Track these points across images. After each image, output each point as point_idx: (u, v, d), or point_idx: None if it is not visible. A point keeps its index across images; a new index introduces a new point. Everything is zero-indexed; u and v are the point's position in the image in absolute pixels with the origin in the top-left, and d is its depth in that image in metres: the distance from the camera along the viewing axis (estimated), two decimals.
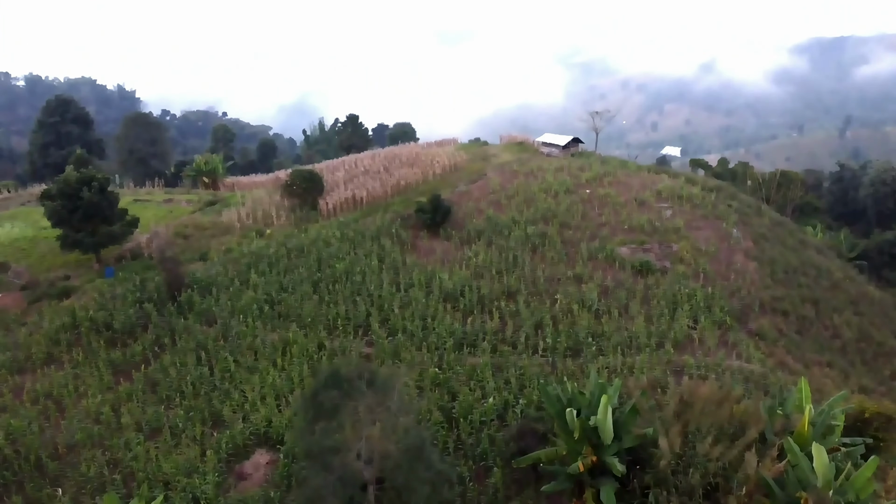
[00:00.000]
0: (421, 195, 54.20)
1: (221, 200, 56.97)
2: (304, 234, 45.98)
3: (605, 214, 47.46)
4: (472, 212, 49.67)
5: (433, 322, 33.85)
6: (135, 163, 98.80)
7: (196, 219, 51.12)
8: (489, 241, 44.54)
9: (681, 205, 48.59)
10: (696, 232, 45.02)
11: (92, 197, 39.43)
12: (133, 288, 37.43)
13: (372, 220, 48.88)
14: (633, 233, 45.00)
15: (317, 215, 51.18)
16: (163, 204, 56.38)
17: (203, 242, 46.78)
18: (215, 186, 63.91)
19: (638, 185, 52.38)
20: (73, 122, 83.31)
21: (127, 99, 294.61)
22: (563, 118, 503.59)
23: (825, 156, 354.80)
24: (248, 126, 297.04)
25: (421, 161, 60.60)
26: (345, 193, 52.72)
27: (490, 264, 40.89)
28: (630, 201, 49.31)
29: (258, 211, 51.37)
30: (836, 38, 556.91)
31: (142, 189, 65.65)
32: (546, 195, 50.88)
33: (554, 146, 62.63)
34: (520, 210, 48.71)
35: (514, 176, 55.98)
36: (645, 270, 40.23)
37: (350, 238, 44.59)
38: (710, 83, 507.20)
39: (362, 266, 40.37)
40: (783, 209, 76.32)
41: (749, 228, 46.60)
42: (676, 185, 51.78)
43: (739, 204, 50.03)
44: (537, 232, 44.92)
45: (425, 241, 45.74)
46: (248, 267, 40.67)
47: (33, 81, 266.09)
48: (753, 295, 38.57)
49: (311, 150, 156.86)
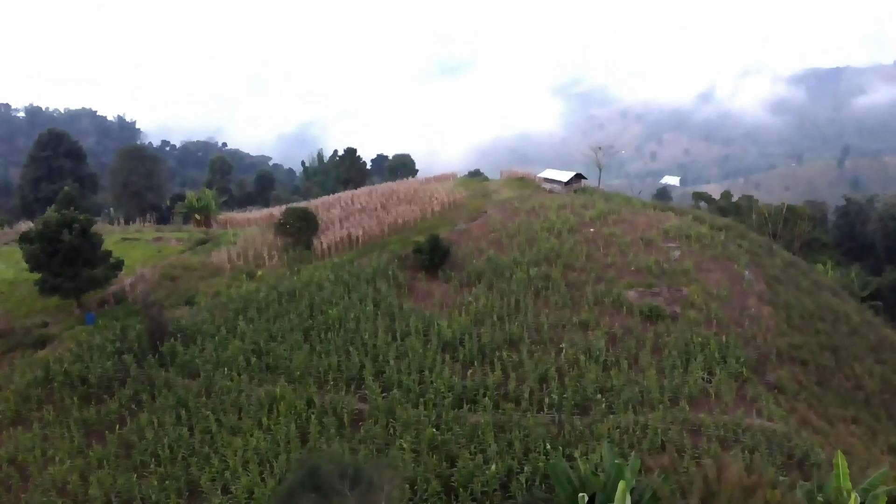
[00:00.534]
0: (419, 233, 52.42)
1: (213, 239, 55.14)
2: (296, 276, 44.00)
3: (611, 255, 45.56)
4: (471, 252, 47.77)
5: (431, 375, 31.71)
6: (129, 196, 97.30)
7: (185, 259, 49.20)
8: (490, 283, 42.57)
9: (689, 245, 46.70)
10: (707, 274, 43.07)
11: (73, 240, 37.55)
12: (113, 337, 35.40)
13: (368, 260, 46.95)
14: (640, 275, 43.07)
15: (310, 255, 49.30)
16: (152, 242, 54.53)
17: (191, 285, 44.79)
18: (208, 223, 62.16)
19: (644, 223, 50.57)
20: (65, 156, 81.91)
21: (127, 129, 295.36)
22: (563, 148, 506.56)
23: (824, 185, 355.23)
24: (248, 156, 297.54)
25: (419, 198, 58.94)
26: (340, 232, 50.93)
27: (491, 309, 38.85)
28: (636, 241, 47.43)
29: (250, 251, 49.50)
30: (832, 69, 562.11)
31: (131, 226, 63.87)
32: (549, 234, 49.02)
33: (556, 182, 61.04)
34: (521, 250, 46.81)
35: (515, 214, 54.22)
36: (654, 316, 38.22)
37: (344, 281, 42.60)
38: (709, 113, 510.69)
39: (356, 312, 38.33)
40: (790, 245, 74.46)
41: (761, 270, 44.64)
42: (684, 224, 49.95)
43: (750, 244, 48.16)
44: (540, 274, 42.98)
45: (423, 284, 43.77)
46: (236, 313, 38.62)
47: (33, 112, 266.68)
48: (770, 343, 36.49)
49: (309, 181, 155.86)
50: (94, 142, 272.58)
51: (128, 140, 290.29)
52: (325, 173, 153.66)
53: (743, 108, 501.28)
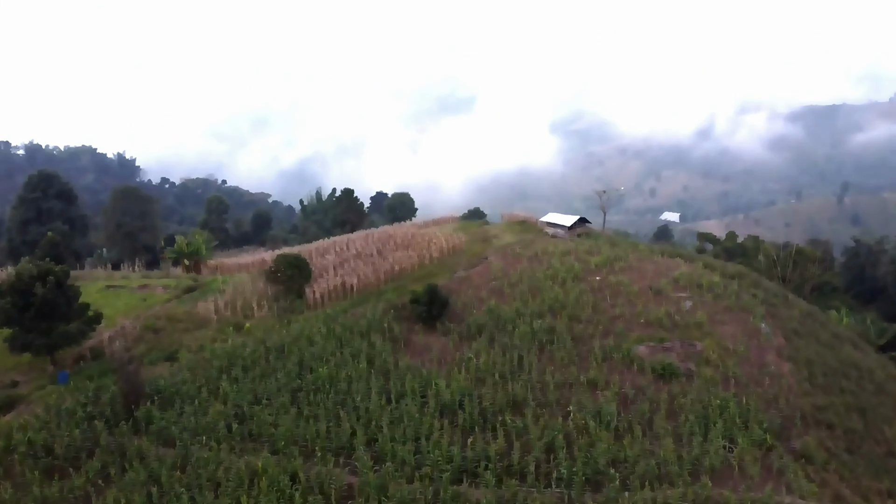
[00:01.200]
0: (417, 281, 50.20)
1: (201, 286, 52.81)
2: (286, 329, 41.54)
3: (619, 306, 43.16)
4: (471, 301, 45.43)
5: (428, 444, 29.05)
6: (122, 237, 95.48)
7: (170, 309, 46.79)
8: (491, 336, 40.13)
9: (701, 294, 44.32)
10: (721, 327, 40.60)
11: (47, 293, 35.23)
12: (84, 399, 32.77)
13: (363, 310, 44.57)
14: (650, 328, 40.63)
15: (302, 305, 46.93)
16: (137, 290, 52.17)
17: (174, 338, 42.31)
18: (197, 269, 59.91)
19: (652, 271, 48.29)
20: (56, 198, 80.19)
21: (126, 167, 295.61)
22: (562, 184, 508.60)
23: (824, 222, 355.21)
24: (247, 194, 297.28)
25: (417, 243, 56.81)
26: (334, 280, 48.62)
27: (493, 367, 36.31)
28: (645, 290, 45.08)
29: (239, 300, 47.13)
30: (829, 106, 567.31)
31: (118, 272, 61.59)
32: (553, 283, 46.70)
33: (559, 226, 58.95)
34: (524, 300, 44.46)
35: (517, 260, 51.98)
36: (668, 374, 35.67)
37: (337, 335, 40.13)
38: (707, 149, 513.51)
39: (349, 370, 35.81)
40: (800, 289, 72.20)
41: (778, 322, 42.18)
42: (694, 272, 47.64)
43: (765, 293, 45.77)
44: (544, 327, 40.56)
45: (420, 337, 41.30)
46: (220, 371, 36.06)
47: (33, 150, 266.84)
48: (793, 405, 33.86)
49: (307, 220, 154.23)
50: (94, 179, 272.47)
51: (127, 177, 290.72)
52: (323, 212, 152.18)
53: (741, 145, 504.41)
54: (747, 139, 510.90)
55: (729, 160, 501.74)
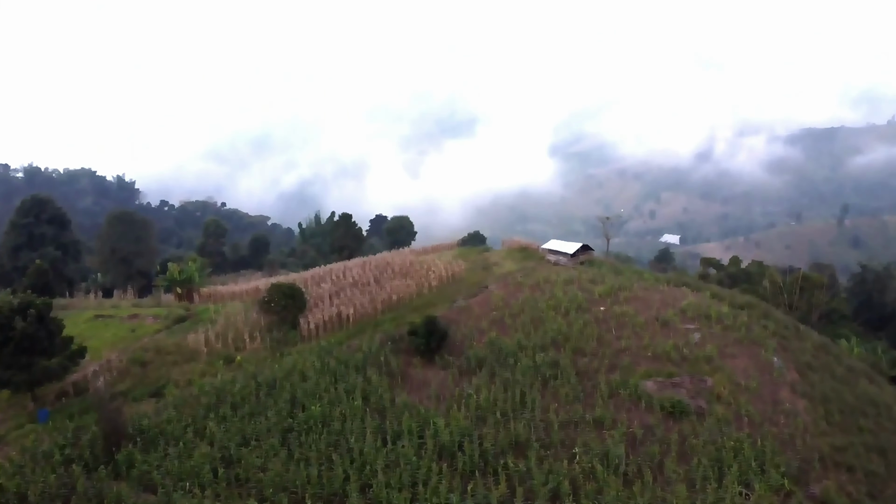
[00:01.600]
0: (415, 311, 48.71)
1: (193, 316, 51.22)
2: (278, 363, 39.88)
3: (625, 338, 41.55)
4: (471, 333, 43.84)
5: (425, 490, 27.31)
6: (117, 262, 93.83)
7: (159, 341, 45.15)
8: (492, 371, 38.48)
9: (709, 326, 42.74)
10: (732, 361, 38.97)
11: (27, 327, 33.63)
12: (63, 441, 31.04)
13: (359, 341, 42.98)
14: (658, 362, 38.99)
15: (296, 336, 45.31)
16: (126, 320, 50.54)
17: (162, 372, 40.62)
18: (190, 297, 58.32)
19: (658, 301, 46.73)
20: (48, 223, 78.72)
21: (126, 190, 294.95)
22: (562, 207, 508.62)
23: (825, 244, 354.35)
24: (247, 216, 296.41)
25: (415, 271, 55.33)
26: (329, 310, 47.02)
27: (494, 404, 34.60)
28: (651, 321, 43.51)
29: (231, 331, 45.50)
30: (827, 129, 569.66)
31: (109, 300, 60.08)
32: (555, 313, 45.16)
33: (561, 254, 57.49)
34: (526, 332, 42.87)
35: (518, 289, 50.47)
36: (678, 412, 33.96)
37: (331, 369, 38.47)
38: (707, 172, 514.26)
39: (343, 408, 34.08)
40: (807, 316, 70.54)
41: (791, 355, 40.54)
42: (702, 303, 46.11)
43: (776, 324, 44.16)
44: (548, 360, 38.92)
45: (418, 371, 39.67)
46: (208, 410, 34.32)
47: (32, 173, 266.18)
48: (810, 445, 32.12)
49: (306, 243, 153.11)
50: (92, 202, 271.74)
51: (126, 200, 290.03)
52: (322, 235, 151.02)
53: (741, 168, 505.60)
54: (746, 161, 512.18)
55: (728, 182, 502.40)
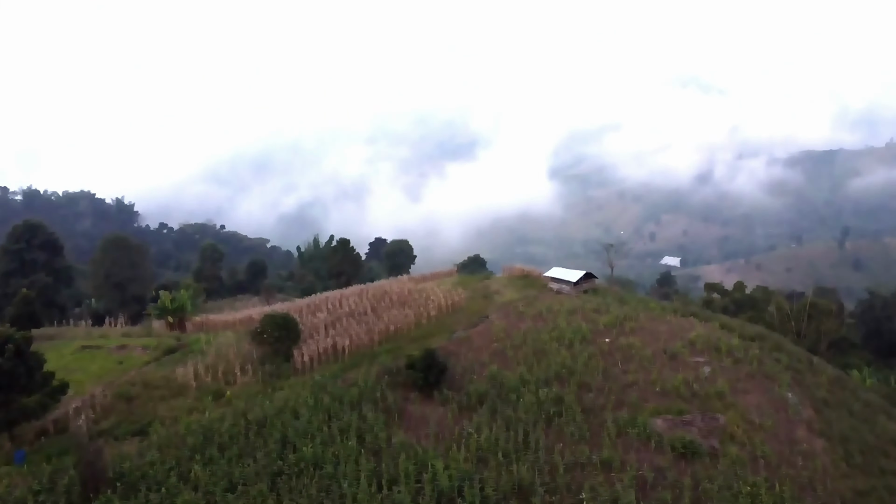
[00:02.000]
0: (413, 342, 47.05)
1: (184, 347, 49.54)
2: (270, 399, 38.08)
3: (632, 372, 39.84)
4: (472, 366, 42.13)
5: None
6: (111, 288, 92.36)
7: (147, 374, 43.44)
8: (493, 408, 36.67)
9: (720, 359, 41.04)
10: (744, 397, 37.23)
11: (5, 363, 31.99)
12: (38, 486, 29.21)
13: (355, 374, 41.28)
14: (667, 398, 37.25)
15: (290, 369, 43.62)
16: (115, 351, 48.86)
17: (148, 407, 38.86)
18: (182, 326, 56.68)
19: (666, 332, 45.06)
20: (40, 249, 77.39)
21: (125, 212, 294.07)
22: (562, 229, 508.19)
23: (826, 267, 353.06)
24: (246, 239, 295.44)
25: (414, 300, 53.75)
26: (324, 342, 45.35)
27: (496, 444, 32.77)
28: (659, 354, 41.82)
29: (222, 363, 43.78)
30: (826, 152, 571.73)
31: (98, 329, 58.40)
32: (559, 345, 43.49)
33: (564, 282, 55.92)
34: (529, 365, 41.16)
35: (520, 319, 48.85)
36: (689, 453, 32.15)
37: (325, 406, 36.66)
38: (707, 194, 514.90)
39: (336, 449, 32.26)
40: (816, 345, 68.81)
41: (805, 390, 38.84)
42: (711, 334, 44.45)
43: (789, 357, 42.48)
44: (552, 396, 37.17)
45: (416, 407, 37.87)
46: (193, 451, 32.47)
47: (31, 195, 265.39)
48: (831, 490, 30.37)
49: (304, 267, 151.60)
50: (91, 225, 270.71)
51: (125, 222, 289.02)
52: (321, 259, 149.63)
53: (741, 190, 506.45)
54: (746, 184, 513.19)
55: (728, 204, 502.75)
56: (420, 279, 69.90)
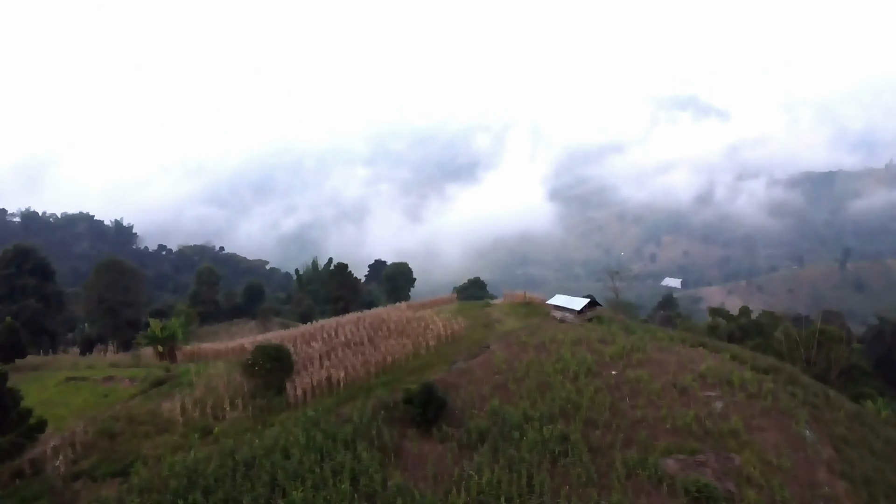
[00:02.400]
0: (411, 373, 45.23)
1: (173, 378, 47.61)
2: (259, 437, 36.14)
3: (640, 407, 37.90)
4: (472, 400, 40.22)
5: None
6: (104, 313, 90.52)
7: (133, 408, 41.52)
8: (495, 446, 34.70)
9: (732, 393, 39.13)
10: (760, 434, 35.29)
11: None
12: None
13: (349, 410, 39.33)
14: (678, 435, 35.30)
15: (282, 402, 41.71)
16: (101, 383, 46.99)
17: (132, 445, 36.89)
18: (172, 356, 54.76)
19: (675, 363, 43.18)
20: (30, 274, 75.70)
21: (123, 234, 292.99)
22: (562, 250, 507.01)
23: (827, 288, 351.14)
24: (245, 261, 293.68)
25: (412, 329, 51.93)
26: (319, 373, 43.48)
27: (497, 487, 30.78)
28: (668, 387, 39.91)
29: (211, 397, 41.86)
30: (826, 173, 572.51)
31: (87, 358, 56.52)
32: (563, 378, 41.60)
33: (567, 310, 54.11)
34: (532, 399, 39.24)
35: (522, 350, 46.99)
36: (705, 497, 30.17)
37: (317, 445, 34.70)
38: (707, 215, 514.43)
39: (329, 493, 30.28)
40: (826, 373, 66.84)
41: (824, 427, 36.91)
42: (722, 366, 42.56)
43: (804, 391, 40.56)
44: (556, 434, 35.19)
45: (414, 445, 35.93)
46: (176, 495, 30.48)
47: (29, 217, 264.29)
48: None
49: (303, 290, 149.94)
50: (89, 246, 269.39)
51: (124, 244, 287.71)
52: (319, 281, 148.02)
53: (742, 211, 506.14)
54: (747, 205, 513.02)
55: (729, 226, 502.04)
56: (419, 306, 68.02)
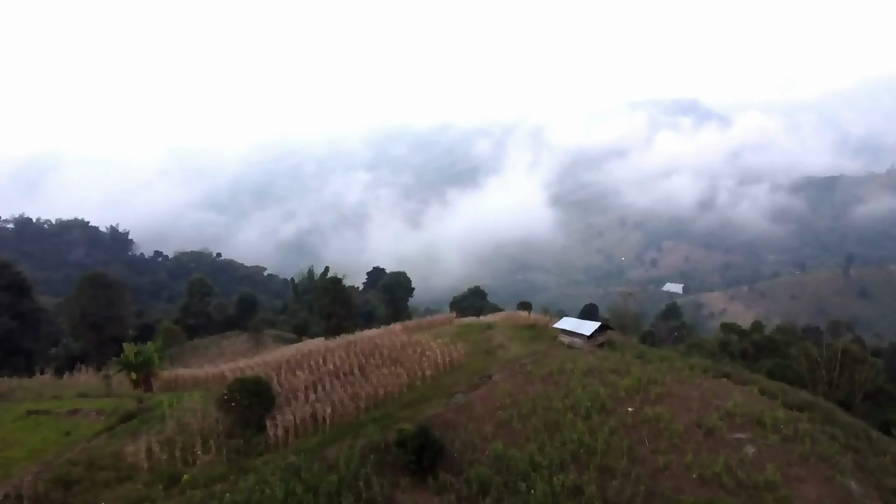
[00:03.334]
0: (405, 407, 41.07)
1: (145, 411, 43.36)
2: (233, 489, 31.89)
3: (662, 452, 33.66)
4: (473, 441, 35.97)
5: None
6: (86, 329, 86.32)
7: (95, 450, 37.29)
8: (499, 498, 30.54)
9: (764, 435, 34.89)
10: (799, 487, 31.06)
11: None
12: None
13: (336, 451, 35.17)
14: (707, 487, 31.08)
15: (261, 442, 37.46)
16: (65, 416, 42.69)
17: (89, 496, 32.64)
18: (147, 384, 50.47)
19: (697, 399, 38.93)
20: (5, 290, 71.51)
21: (119, 241, 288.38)
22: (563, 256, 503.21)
23: (831, 295, 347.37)
24: (242, 267, 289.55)
25: (407, 356, 47.67)
26: (303, 409, 39.28)
27: None
28: (692, 428, 35.69)
29: (183, 436, 37.63)
30: (828, 178, 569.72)
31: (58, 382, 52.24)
32: (574, 416, 37.37)
33: (576, 335, 49.78)
34: (540, 442, 35.01)
35: (528, 381, 42.77)
36: None
37: (297, 498, 30.53)
38: (709, 221, 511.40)
39: None
40: (850, 397, 62.66)
41: (870, 476, 32.68)
42: (751, 403, 38.30)
43: (843, 432, 36.33)
44: (568, 485, 30.99)
45: (407, 496, 31.72)
46: None
47: (22, 224, 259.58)
48: None
49: (298, 300, 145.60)
50: (84, 254, 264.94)
51: (120, 251, 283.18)
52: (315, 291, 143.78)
53: (744, 217, 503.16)
54: (749, 210, 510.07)
55: (731, 231, 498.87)
56: (414, 327, 63.75)
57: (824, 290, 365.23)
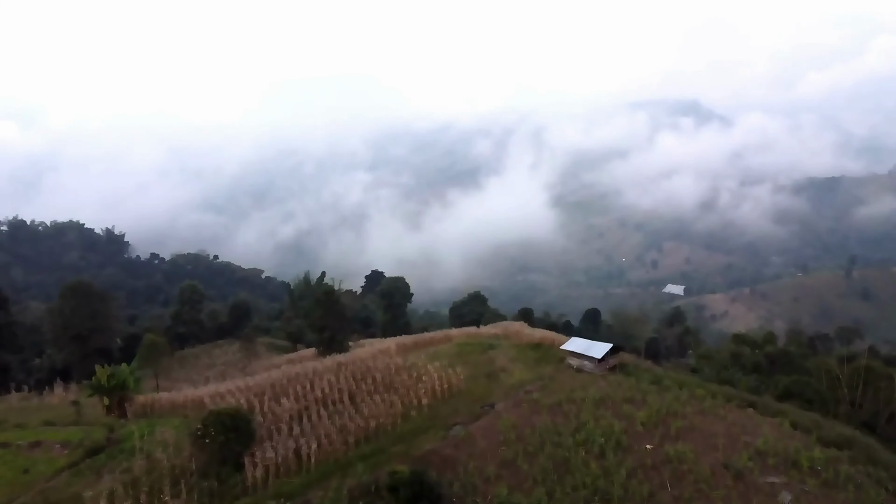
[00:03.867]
0: (399, 441, 37.35)
1: (114, 444, 39.58)
2: None
3: (687, 500, 29.74)
4: (473, 483, 32.16)
5: None
6: (69, 340, 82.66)
7: (54, 491, 33.55)
8: None
9: (800, 478, 30.98)
10: None
11: None
12: None
13: (322, 493, 31.48)
14: None
15: (239, 483, 33.71)
16: (27, 450, 38.95)
17: None
18: (122, 410, 46.68)
19: (723, 434, 35.06)
20: None
21: (115, 243, 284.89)
22: (563, 257, 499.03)
23: (833, 296, 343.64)
24: (239, 270, 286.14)
25: (401, 381, 43.90)
26: (286, 445, 35.49)
27: None
28: (719, 470, 31.80)
29: (151, 476, 33.86)
30: (829, 179, 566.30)
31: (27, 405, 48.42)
32: (587, 454, 33.54)
33: (586, 358, 45.90)
34: (548, 485, 31.19)
35: (534, 411, 38.96)
36: None
37: None
38: (711, 222, 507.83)
39: None
40: (875, 418, 58.75)
41: None
42: (783, 439, 34.40)
43: (888, 474, 32.39)
44: None
45: None
46: None
47: (16, 226, 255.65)
48: None
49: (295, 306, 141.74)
50: (79, 257, 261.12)
51: (115, 253, 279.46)
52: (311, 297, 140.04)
53: (746, 218, 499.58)
54: (751, 211, 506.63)
55: (733, 232, 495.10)
56: (411, 345, 59.95)
57: (827, 292, 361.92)
